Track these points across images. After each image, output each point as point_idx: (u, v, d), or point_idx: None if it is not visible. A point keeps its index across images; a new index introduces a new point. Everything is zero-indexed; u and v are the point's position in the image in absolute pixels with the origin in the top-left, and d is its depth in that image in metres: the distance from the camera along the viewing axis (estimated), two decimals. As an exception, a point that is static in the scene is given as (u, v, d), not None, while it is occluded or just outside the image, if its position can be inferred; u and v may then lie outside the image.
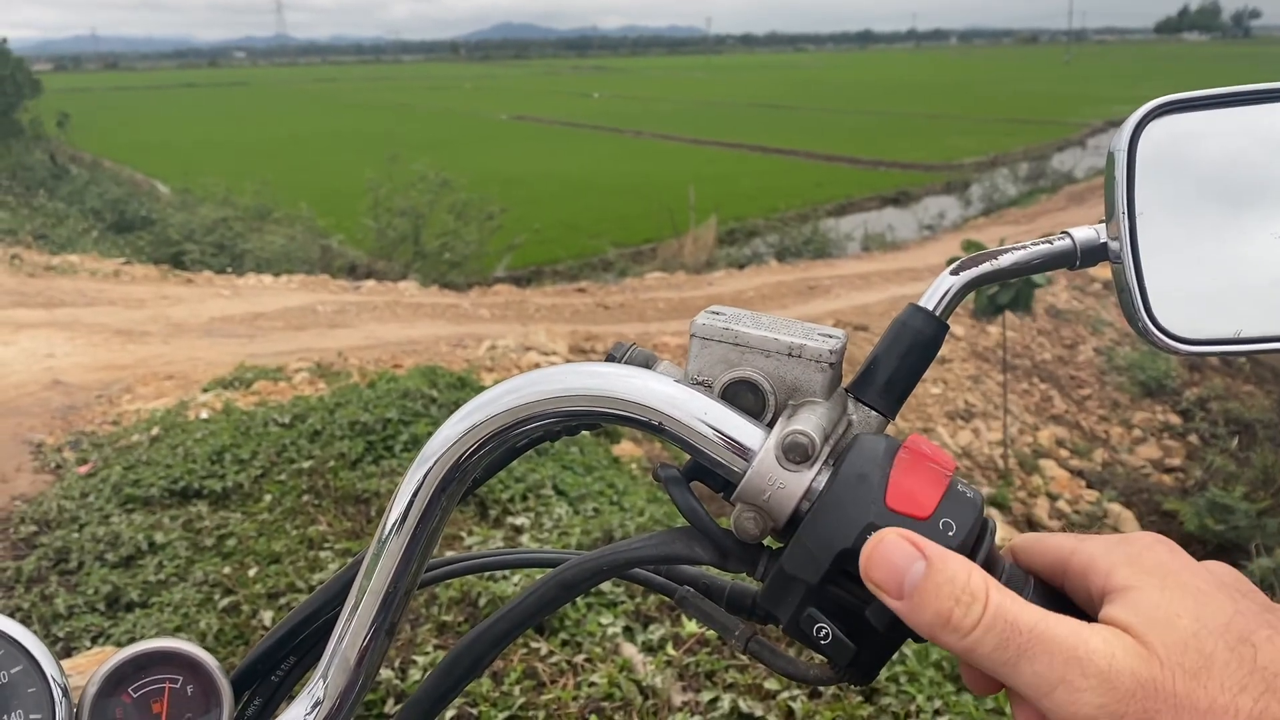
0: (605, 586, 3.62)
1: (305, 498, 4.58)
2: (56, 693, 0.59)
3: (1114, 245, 0.56)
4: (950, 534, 0.48)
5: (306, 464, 4.90)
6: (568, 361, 8.07)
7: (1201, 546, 8.52)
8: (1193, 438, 11.73)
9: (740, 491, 0.52)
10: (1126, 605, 0.45)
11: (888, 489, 0.49)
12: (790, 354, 0.55)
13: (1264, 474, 9.81)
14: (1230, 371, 13.06)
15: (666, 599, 0.89)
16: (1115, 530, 9.06)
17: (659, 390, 0.55)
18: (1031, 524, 9.43)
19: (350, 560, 0.64)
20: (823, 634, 0.50)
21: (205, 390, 6.16)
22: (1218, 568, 0.48)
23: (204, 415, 5.61)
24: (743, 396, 0.55)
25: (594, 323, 12.39)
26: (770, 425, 0.54)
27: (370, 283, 12.48)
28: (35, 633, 0.63)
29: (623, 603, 3.51)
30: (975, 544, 0.49)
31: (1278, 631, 0.43)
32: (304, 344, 7.71)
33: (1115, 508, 9.71)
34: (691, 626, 3.30)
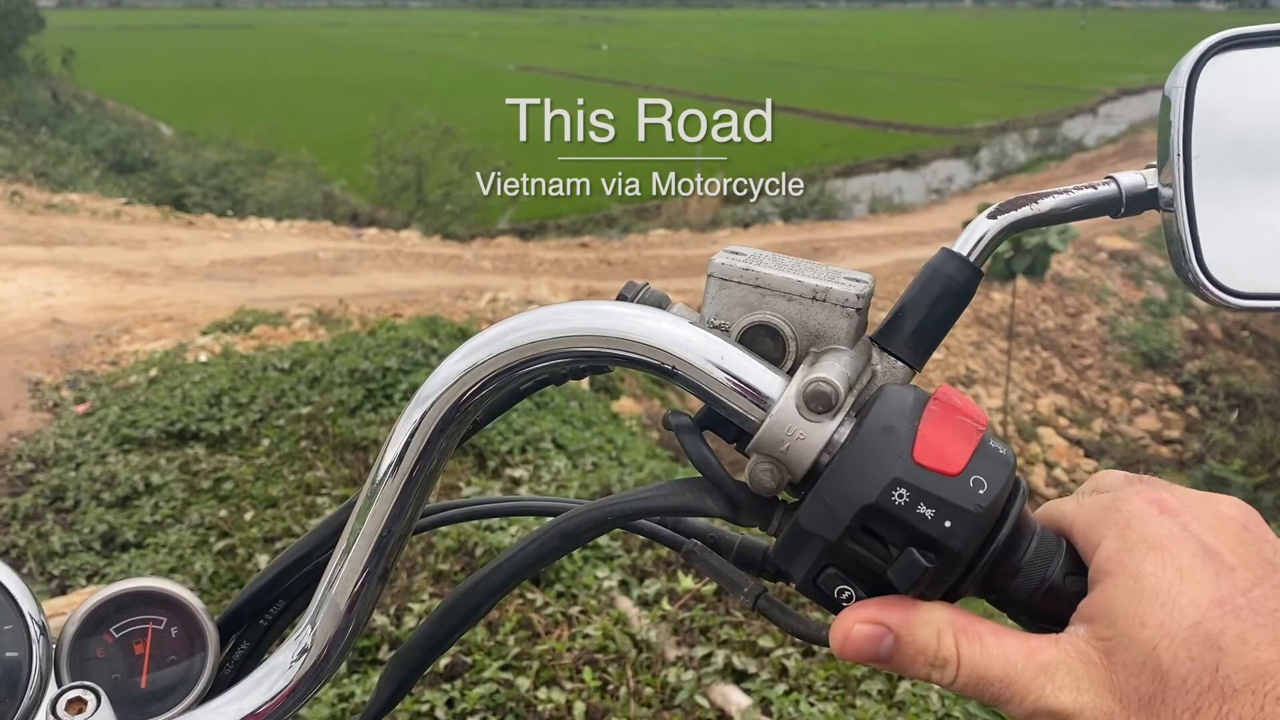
0: (602, 539, 3.62)
1: (303, 443, 4.57)
2: (34, 630, 0.56)
3: (1165, 192, 0.53)
4: (981, 492, 0.45)
5: (305, 410, 4.88)
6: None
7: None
8: (1192, 410, 11.74)
9: (757, 442, 0.49)
10: (1097, 605, 0.44)
11: (915, 442, 0.46)
12: (814, 298, 0.52)
13: (1262, 448, 9.82)
14: (1233, 345, 13.03)
15: (665, 553, 0.86)
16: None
17: (673, 332, 0.51)
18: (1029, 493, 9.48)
19: (344, 503, 0.61)
20: (844, 595, 0.47)
21: (204, 333, 6.14)
22: (1226, 508, 0.46)
23: (203, 358, 5.59)
24: (762, 342, 0.52)
25: (597, 278, 12.34)
26: (790, 373, 0.51)
27: (372, 231, 12.41)
28: (11, 566, 0.60)
29: (619, 556, 3.51)
30: (1006, 504, 0.46)
31: (1258, 615, 0.41)
32: (305, 290, 7.68)
33: (1113, 477, 9.74)
34: (688, 582, 3.30)
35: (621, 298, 0.57)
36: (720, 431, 0.53)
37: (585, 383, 7.42)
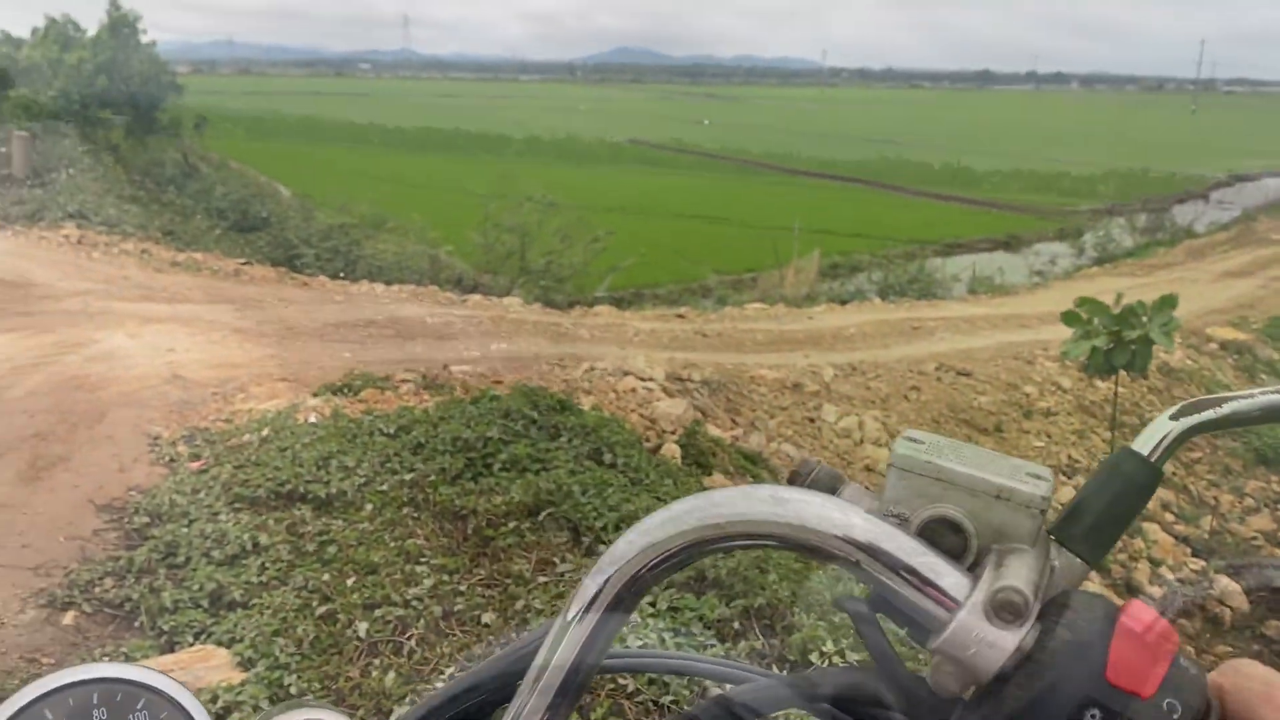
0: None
1: (405, 510, 4.66)
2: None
3: None
4: (1175, 716, 0.45)
5: (408, 476, 4.98)
6: (663, 388, 7.97)
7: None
8: (1312, 513, 11.13)
9: (941, 644, 0.50)
10: None
11: (1108, 661, 0.46)
12: (999, 496, 0.52)
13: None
14: (1358, 447, 12.36)
15: None
16: (1222, 603, 8.69)
17: (855, 524, 0.52)
18: (1131, 589, 9.08)
19: (523, 635, 0.64)
20: None
21: (315, 395, 6.33)
22: None
23: (313, 419, 5.77)
24: (943, 536, 0.53)
25: (692, 350, 12.37)
26: (971, 568, 0.51)
27: (476, 296, 12.71)
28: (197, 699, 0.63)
29: (713, 645, 3.47)
30: None
31: None
32: (411, 354, 7.88)
33: (1222, 580, 9.27)
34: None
35: (795, 475, 0.59)
36: (894, 618, 0.54)
37: (678, 455, 7.41)
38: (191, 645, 3.59)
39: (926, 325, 15.24)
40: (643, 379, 9.55)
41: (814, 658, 3.40)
